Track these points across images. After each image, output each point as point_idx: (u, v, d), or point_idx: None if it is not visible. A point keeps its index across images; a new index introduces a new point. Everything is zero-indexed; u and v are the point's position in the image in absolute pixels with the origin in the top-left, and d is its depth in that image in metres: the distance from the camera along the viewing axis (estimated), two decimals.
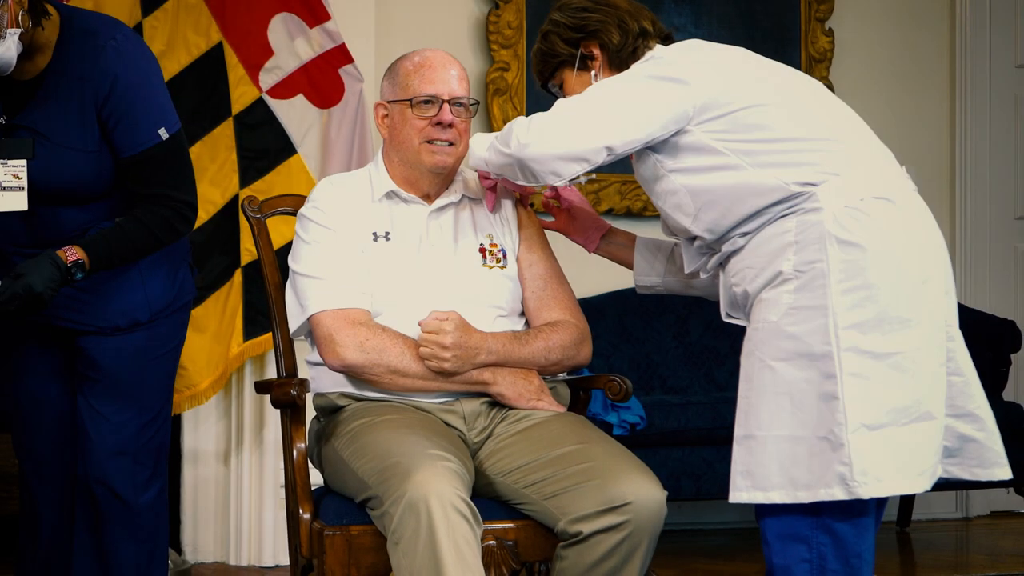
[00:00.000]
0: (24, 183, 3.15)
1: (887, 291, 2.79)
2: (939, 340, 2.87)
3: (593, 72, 3.12)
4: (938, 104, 6.48)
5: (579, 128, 2.93)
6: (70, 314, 3.28)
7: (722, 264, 3.01)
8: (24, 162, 3.15)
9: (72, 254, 3.11)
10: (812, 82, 3.06)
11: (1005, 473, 2.97)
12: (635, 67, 3.01)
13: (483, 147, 3.12)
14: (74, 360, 3.35)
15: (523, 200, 3.39)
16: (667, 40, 3.15)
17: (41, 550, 3.41)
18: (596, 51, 3.12)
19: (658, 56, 3.01)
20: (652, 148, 2.96)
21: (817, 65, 6.17)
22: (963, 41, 6.46)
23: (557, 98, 3.20)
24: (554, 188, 3.31)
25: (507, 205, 3.36)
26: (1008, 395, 5.95)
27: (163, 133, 3.21)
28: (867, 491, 2.76)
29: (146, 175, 3.22)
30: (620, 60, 3.10)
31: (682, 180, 2.94)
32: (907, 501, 5.90)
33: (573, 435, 3.05)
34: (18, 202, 3.16)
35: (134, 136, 3.19)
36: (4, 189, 3.15)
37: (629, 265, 3.39)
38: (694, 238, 3.02)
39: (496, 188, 3.30)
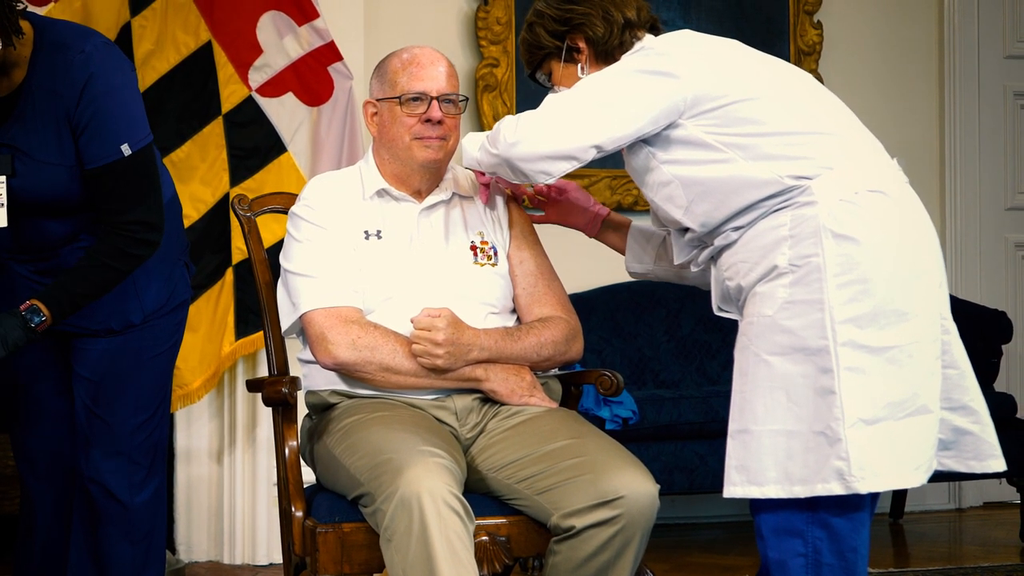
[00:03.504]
0: (3, 199, 3.13)
1: (883, 285, 2.79)
2: (934, 333, 2.86)
3: (580, 65, 3.11)
4: (927, 96, 6.48)
5: (566, 127, 2.92)
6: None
7: (714, 258, 3.00)
8: (3, 179, 3.13)
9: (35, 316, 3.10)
10: (804, 75, 3.04)
11: (1000, 465, 2.97)
12: (624, 60, 3.00)
13: (475, 147, 3.11)
14: (71, 362, 3.35)
15: (515, 198, 3.38)
16: (654, 28, 3.14)
17: (37, 549, 3.42)
18: (582, 44, 3.10)
19: (648, 48, 2.99)
20: (644, 140, 2.95)
21: (806, 58, 6.17)
22: (951, 32, 6.46)
23: (545, 88, 3.19)
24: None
25: (498, 203, 3.36)
26: (999, 386, 5.95)
27: (126, 149, 3.15)
28: (864, 486, 2.75)
29: (106, 190, 3.17)
30: (606, 52, 3.08)
31: (674, 171, 2.93)
32: (900, 493, 5.90)
33: (565, 430, 3.05)
34: None
35: (96, 148, 3.14)
36: None
37: (623, 251, 3.38)
38: (685, 230, 3.02)
39: (490, 184, 3.30)
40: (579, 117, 2.91)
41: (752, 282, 2.88)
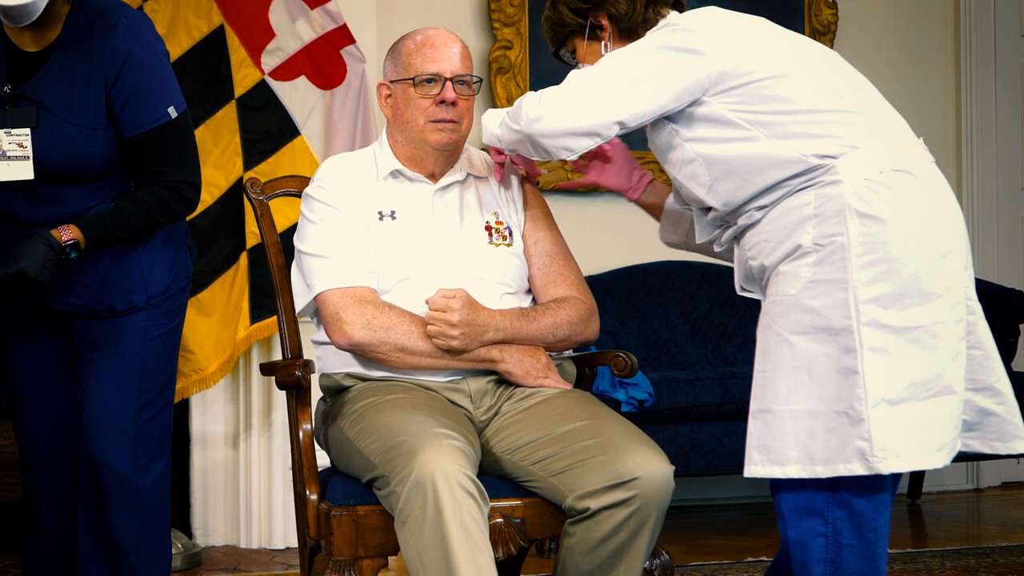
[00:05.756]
0: (29, 152, 3.16)
1: (907, 264, 2.77)
2: (959, 313, 2.84)
3: (603, 42, 3.09)
4: (943, 75, 6.46)
5: (590, 103, 2.89)
6: (66, 297, 3.28)
7: (737, 237, 2.99)
8: (28, 131, 3.16)
9: (67, 234, 3.14)
10: (830, 53, 3.02)
11: None
12: (649, 36, 2.97)
13: (495, 123, 3.09)
14: (73, 343, 3.36)
15: (529, 178, 3.37)
16: (678, 4, 3.12)
17: (42, 535, 3.42)
18: (605, 21, 3.08)
19: (672, 24, 2.96)
20: (668, 117, 2.93)
21: (821, 38, 6.14)
22: (967, 11, 6.43)
23: (569, 66, 3.16)
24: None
25: (513, 183, 3.36)
26: (1017, 365, 5.94)
27: (172, 112, 3.24)
28: (887, 466, 2.74)
29: (151, 154, 3.24)
30: (630, 29, 3.06)
31: (698, 149, 2.91)
32: (918, 473, 5.90)
33: (579, 411, 3.04)
34: (24, 171, 3.17)
35: (144, 114, 3.21)
36: (9, 158, 3.16)
37: (659, 219, 3.35)
38: (708, 209, 3.00)
39: (505, 164, 3.29)
40: (603, 93, 2.89)
41: (776, 262, 2.87)
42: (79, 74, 3.18)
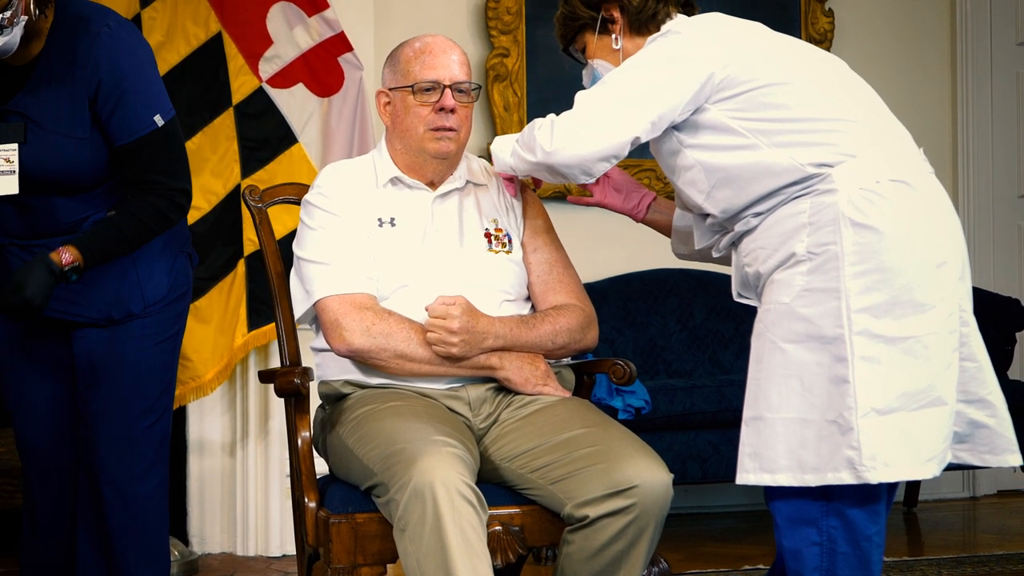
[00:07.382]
0: (16, 167, 3.16)
1: (901, 275, 2.78)
2: (952, 325, 2.84)
3: (614, 35, 3.10)
4: (939, 83, 6.46)
5: (603, 127, 2.91)
6: (63, 305, 3.28)
7: (734, 244, 3.00)
8: (15, 146, 3.16)
9: (67, 257, 3.13)
10: (833, 60, 3.03)
11: (1016, 460, 2.95)
12: (649, 48, 2.98)
13: (506, 152, 3.11)
14: (72, 352, 3.36)
15: (535, 184, 3.37)
16: (689, 8, 3.13)
17: (41, 542, 3.42)
18: (616, 14, 3.09)
19: (675, 31, 2.98)
20: (672, 124, 2.94)
21: (817, 46, 6.14)
22: (964, 19, 6.44)
23: (579, 62, 3.19)
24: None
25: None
26: (1014, 374, 5.94)
27: (159, 120, 3.23)
28: (875, 476, 2.74)
29: (142, 162, 3.23)
30: (640, 23, 3.07)
31: (697, 155, 2.92)
32: (914, 481, 5.89)
33: (578, 419, 3.04)
34: (9, 186, 3.17)
35: (130, 124, 3.20)
36: None
37: (669, 234, 3.36)
38: (707, 215, 3.01)
39: (515, 179, 3.30)
40: (614, 115, 2.90)
41: (770, 269, 2.87)
42: (64, 85, 3.18)
